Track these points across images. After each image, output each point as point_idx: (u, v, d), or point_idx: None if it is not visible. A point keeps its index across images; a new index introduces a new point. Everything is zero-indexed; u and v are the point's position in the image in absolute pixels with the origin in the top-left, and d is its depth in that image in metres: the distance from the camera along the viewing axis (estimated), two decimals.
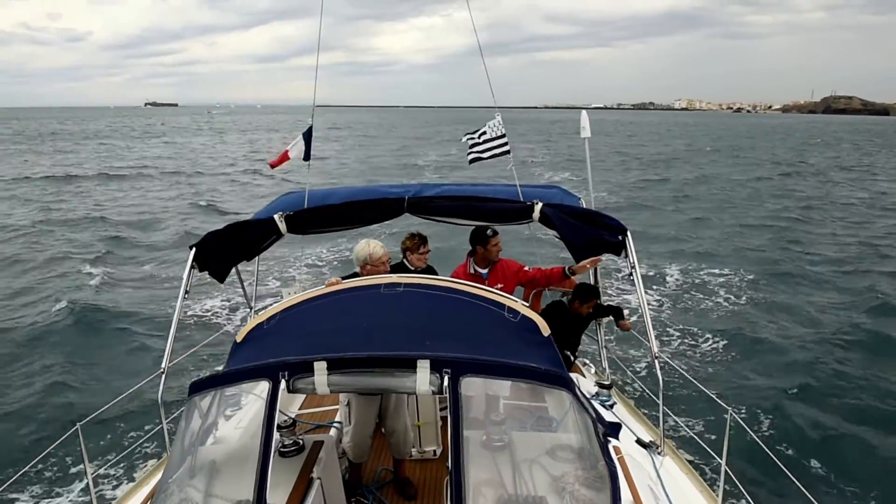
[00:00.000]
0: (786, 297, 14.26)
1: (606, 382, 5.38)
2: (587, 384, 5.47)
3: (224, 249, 5.18)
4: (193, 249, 5.12)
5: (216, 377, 3.23)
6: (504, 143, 5.89)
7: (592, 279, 6.40)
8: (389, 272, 4.92)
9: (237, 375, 3.15)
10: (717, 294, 14.71)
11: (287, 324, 3.60)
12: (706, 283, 15.54)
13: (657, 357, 4.62)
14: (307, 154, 5.80)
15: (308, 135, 5.81)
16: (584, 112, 6.77)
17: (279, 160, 6.01)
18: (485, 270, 5.77)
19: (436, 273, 5.50)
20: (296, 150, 5.85)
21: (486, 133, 5.90)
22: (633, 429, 4.73)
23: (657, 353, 4.63)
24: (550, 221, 5.09)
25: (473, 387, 2.92)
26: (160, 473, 3.62)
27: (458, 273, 5.77)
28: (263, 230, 5.24)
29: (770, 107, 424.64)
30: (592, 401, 3.97)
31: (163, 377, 4.65)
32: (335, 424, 4.89)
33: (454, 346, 3.08)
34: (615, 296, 12.64)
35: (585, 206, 5.82)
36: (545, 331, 3.44)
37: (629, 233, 4.99)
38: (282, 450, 3.71)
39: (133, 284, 15.38)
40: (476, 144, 5.96)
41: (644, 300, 4.84)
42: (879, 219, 25.18)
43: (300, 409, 5.86)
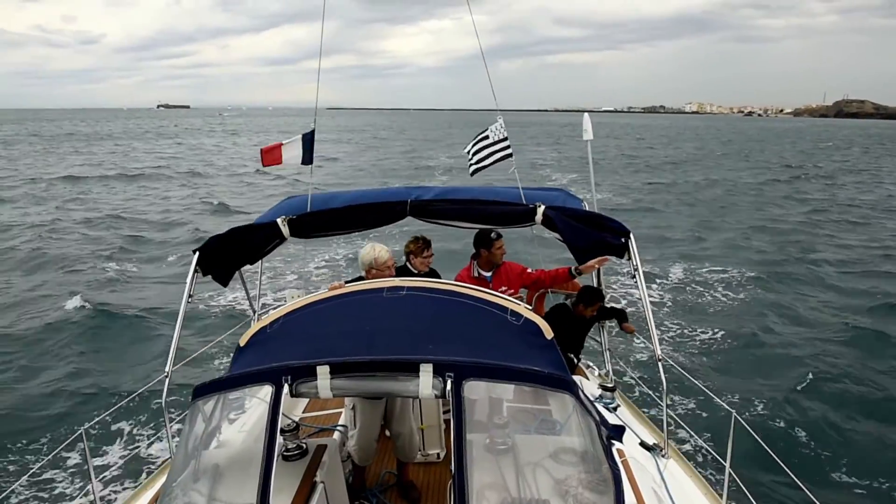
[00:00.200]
0: (790, 299, 14.22)
1: (610, 385, 5.37)
2: (590, 387, 5.45)
3: (227, 253, 5.18)
4: (197, 253, 5.12)
5: (220, 381, 3.24)
6: (506, 147, 5.88)
7: (596, 281, 6.39)
8: (394, 276, 4.92)
9: (240, 379, 3.15)
10: (721, 295, 14.68)
11: (290, 327, 3.60)
12: (710, 285, 15.52)
13: (660, 359, 4.61)
14: (309, 157, 5.76)
15: (310, 138, 5.76)
16: (587, 115, 6.77)
17: (272, 160, 5.88)
18: (489, 273, 5.76)
19: (439, 276, 5.50)
20: (293, 152, 5.78)
21: (490, 137, 5.89)
22: (637, 431, 4.71)
23: (660, 356, 4.62)
24: (553, 224, 5.08)
25: (476, 390, 2.92)
26: (164, 477, 3.63)
27: (462, 276, 5.77)
28: (266, 234, 5.24)
29: (781, 110, 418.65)
30: (596, 403, 3.95)
31: (166, 381, 4.65)
32: (338, 428, 4.89)
33: (457, 350, 3.08)
34: (621, 297, 12.62)
35: (588, 209, 5.81)
36: (548, 334, 3.43)
37: (632, 235, 4.98)
38: (285, 453, 3.71)
39: (141, 284, 15.53)
40: (477, 152, 5.93)
41: (647, 302, 4.83)
42: (885, 220, 25.21)
43: (303, 413, 5.86)
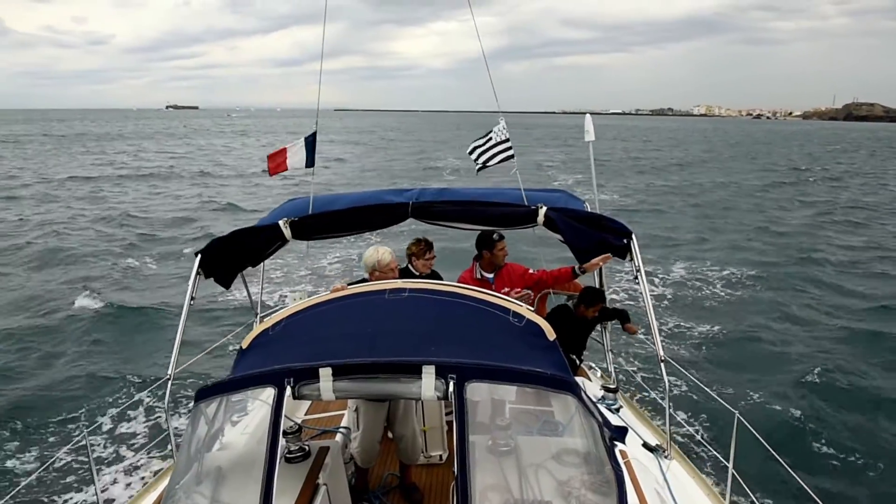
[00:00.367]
0: (793, 300, 14.21)
1: (612, 386, 5.36)
2: (593, 388, 5.45)
3: (229, 256, 5.19)
4: (199, 256, 5.13)
5: (222, 384, 3.24)
6: (508, 148, 5.88)
7: (598, 282, 6.39)
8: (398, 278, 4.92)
9: (243, 382, 3.15)
10: (724, 295, 14.68)
11: (292, 330, 3.61)
12: (712, 285, 15.51)
13: (663, 360, 4.61)
14: (311, 160, 5.77)
15: (312, 140, 5.77)
16: (588, 116, 6.77)
17: (277, 167, 5.89)
18: (491, 275, 5.76)
19: (441, 278, 5.50)
20: (297, 156, 5.79)
21: (493, 138, 5.90)
22: (640, 432, 4.70)
23: (663, 356, 4.62)
24: (555, 225, 5.08)
25: (479, 392, 2.91)
26: (167, 479, 3.63)
27: (465, 278, 5.76)
28: (268, 236, 5.25)
29: (790, 113, 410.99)
30: (598, 404, 3.95)
31: (169, 384, 4.66)
32: (341, 430, 4.89)
33: (459, 352, 3.08)
34: (626, 297, 12.62)
35: (590, 210, 5.81)
36: (550, 335, 3.43)
37: (634, 236, 4.98)
38: (288, 456, 3.71)
39: (151, 282, 15.59)
40: (483, 153, 5.94)
41: (650, 303, 4.83)
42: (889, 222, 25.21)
43: (306, 415, 5.86)
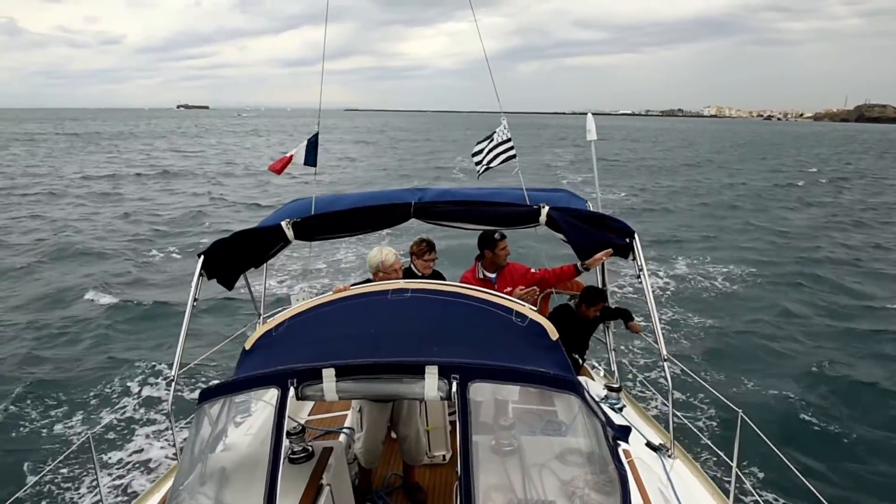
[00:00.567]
0: (797, 299, 14.20)
1: (615, 385, 5.36)
2: (596, 387, 5.45)
3: (232, 257, 5.19)
4: (202, 257, 5.13)
5: (225, 385, 3.24)
6: (510, 147, 5.89)
7: (600, 281, 6.39)
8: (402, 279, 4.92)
9: (246, 383, 3.16)
10: (728, 294, 14.67)
11: (295, 331, 3.61)
12: (716, 284, 15.50)
13: (666, 359, 4.61)
14: (313, 160, 5.78)
15: (314, 141, 5.78)
16: (590, 115, 6.77)
17: (280, 165, 5.91)
18: (493, 275, 5.76)
19: (443, 278, 5.50)
20: (299, 157, 5.80)
21: (495, 139, 5.90)
22: (643, 432, 4.70)
23: (666, 356, 4.61)
24: (557, 225, 5.08)
25: (482, 392, 2.91)
26: (171, 481, 3.64)
27: (467, 278, 5.76)
28: (271, 237, 5.25)
29: (801, 115, 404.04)
30: (601, 404, 3.95)
31: (173, 385, 4.67)
32: (344, 430, 4.90)
33: (462, 352, 3.08)
34: (630, 294, 12.61)
35: (592, 209, 5.80)
36: (553, 335, 3.43)
37: (636, 235, 4.98)
38: (291, 456, 3.71)
39: (161, 280, 15.69)
40: (486, 155, 5.94)
41: (652, 302, 4.83)
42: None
43: (309, 416, 5.86)
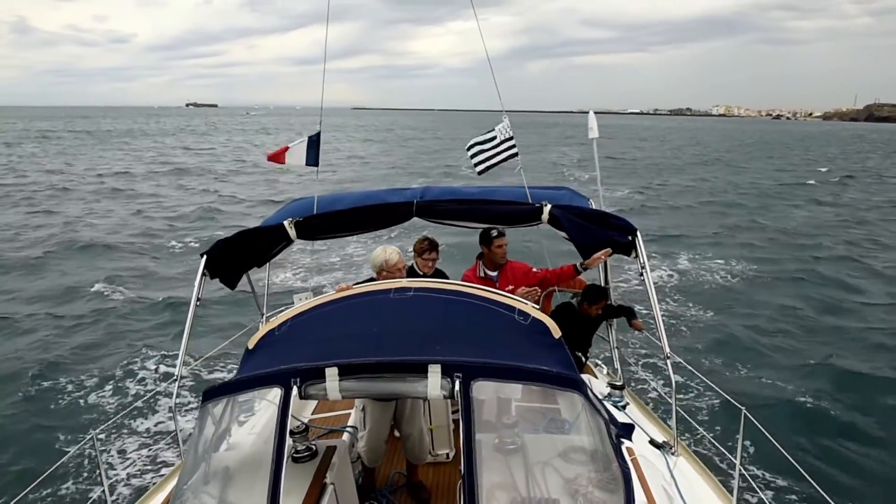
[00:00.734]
0: (803, 298, 14.16)
1: (618, 383, 5.36)
2: (599, 385, 5.44)
3: (235, 257, 5.20)
4: (204, 257, 5.14)
5: (229, 384, 3.25)
6: (512, 146, 5.87)
7: (602, 279, 6.38)
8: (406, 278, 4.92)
9: (249, 382, 3.17)
10: (731, 292, 14.64)
11: (298, 330, 3.61)
12: (721, 282, 15.48)
13: (669, 357, 4.60)
14: (315, 159, 5.77)
15: (316, 140, 5.76)
16: (592, 113, 6.77)
17: (278, 155, 5.86)
18: (494, 273, 5.75)
19: (446, 277, 5.50)
20: (300, 152, 5.77)
21: (497, 137, 5.88)
22: (647, 429, 4.70)
23: (669, 353, 4.61)
24: (559, 223, 5.07)
25: (485, 390, 2.92)
26: (175, 480, 3.65)
27: (468, 277, 5.76)
28: (273, 236, 5.26)
29: (811, 114, 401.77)
30: (605, 402, 3.95)
31: (176, 384, 4.68)
32: (348, 429, 4.90)
33: (465, 350, 3.08)
34: (637, 286, 12.58)
35: (595, 207, 5.80)
36: (556, 333, 3.43)
37: (639, 233, 4.97)
38: (295, 455, 3.72)
39: (165, 280, 15.71)
40: (486, 152, 5.92)
41: (655, 300, 4.82)
42: None
43: (312, 415, 5.87)
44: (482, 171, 5.99)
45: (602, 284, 6.28)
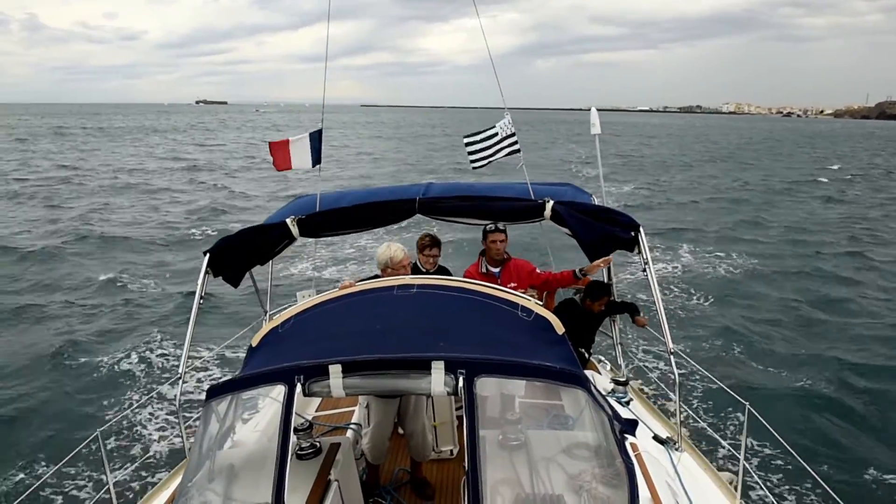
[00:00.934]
0: (806, 293, 14.14)
1: (622, 379, 5.36)
2: (602, 381, 5.44)
3: (237, 254, 5.21)
4: (207, 255, 5.15)
5: (233, 382, 3.26)
6: (514, 142, 5.87)
7: (606, 276, 6.38)
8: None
9: (253, 380, 3.17)
10: (735, 288, 14.61)
11: (301, 327, 3.62)
12: (724, 278, 15.46)
13: (672, 352, 4.60)
14: (317, 158, 5.77)
15: (318, 137, 5.77)
16: (594, 109, 6.77)
17: (283, 162, 5.87)
18: (497, 269, 5.75)
19: (449, 274, 5.50)
20: (302, 153, 5.78)
21: (498, 133, 5.87)
22: (650, 425, 4.70)
23: (672, 349, 4.61)
24: (562, 219, 5.07)
25: (488, 387, 2.92)
26: (180, 477, 3.66)
27: (471, 272, 5.76)
28: (276, 234, 5.27)
29: (822, 111, 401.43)
30: (608, 398, 3.95)
31: (180, 382, 4.69)
32: (352, 426, 4.91)
33: (468, 347, 3.08)
34: (642, 279, 12.57)
35: (598, 203, 5.79)
36: (559, 329, 3.42)
37: (642, 229, 4.97)
38: (299, 452, 3.72)
39: (171, 278, 15.71)
40: (486, 148, 5.91)
41: (658, 295, 4.82)
42: None
43: (316, 412, 5.88)
44: (477, 167, 5.98)
45: (605, 281, 6.28)
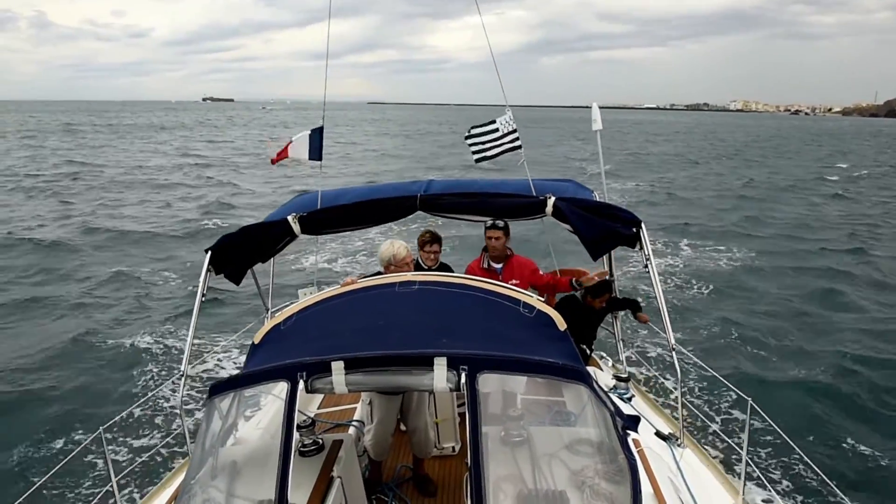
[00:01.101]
0: (808, 289, 14.13)
1: (624, 375, 5.36)
2: (605, 377, 5.44)
3: (239, 252, 5.21)
4: (209, 253, 5.15)
5: (235, 379, 3.26)
6: (516, 139, 5.86)
7: (608, 268, 6.36)
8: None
9: (256, 377, 3.17)
10: (738, 284, 14.59)
11: (304, 324, 3.62)
12: (727, 274, 15.44)
13: (674, 348, 4.60)
14: (318, 154, 5.77)
15: (319, 134, 5.76)
16: (595, 104, 6.74)
17: (280, 156, 5.90)
18: (499, 266, 5.75)
19: (451, 271, 5.50)
20: (301, 149, 5.78)
21: (499, 129, 5.86)
22: (652, 421, 4.70)
23: (674, 345, 4.61)
24: (563, 215, 5.05)
25: (491, 383, 2.92)
26: (183, 475, 3.66)
27: (473, 268, 5.76)
28: (277, 232, 5.26)
29: (830, 109, 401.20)
30: (610, 394, 3.95)
31: (183, 380, 4.69)
32: (354, 423, 4.92)
33: (470, 343, 3.08)
34: (644, 275, 12.58)
35: (599, 199, 5.78)
36: (561, 325, 3.42)
37: (643, 224, 4.96)
38: (302, 449, 3.73)
39: (175, 276, 15.73)
40: (487, 143, 5.91)
41: (660, 291, 4.81)
42: None
43: (319, 409, 5.89)
44: (480, 160, 5.99)
45: (607, 277, 6.27)
